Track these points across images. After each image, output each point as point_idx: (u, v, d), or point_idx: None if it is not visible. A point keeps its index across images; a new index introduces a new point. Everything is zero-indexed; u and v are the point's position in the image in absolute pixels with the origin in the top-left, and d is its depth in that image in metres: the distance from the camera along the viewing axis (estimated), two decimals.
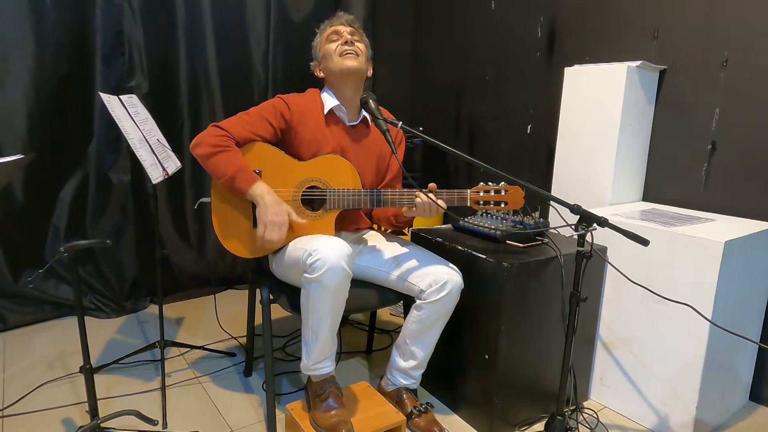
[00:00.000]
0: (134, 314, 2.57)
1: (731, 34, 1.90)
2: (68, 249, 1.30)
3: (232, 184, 1.52)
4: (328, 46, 1.68)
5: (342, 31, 1.68)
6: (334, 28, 1.70)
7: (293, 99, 1.67)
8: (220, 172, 1.53)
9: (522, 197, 1.52)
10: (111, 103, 1.68)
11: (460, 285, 1.58)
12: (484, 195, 1.54)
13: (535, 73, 2.61)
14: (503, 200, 1.53)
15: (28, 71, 2.20)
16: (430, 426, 1.64)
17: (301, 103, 1.68)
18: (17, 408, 1.74)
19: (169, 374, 1.98)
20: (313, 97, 1.72)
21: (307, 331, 1.51)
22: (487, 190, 1.54)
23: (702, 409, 1.63)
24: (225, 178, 1.52)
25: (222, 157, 1.53)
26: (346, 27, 1.70)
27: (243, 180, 1.52)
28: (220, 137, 1.54)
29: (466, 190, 1.55)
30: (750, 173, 1.89)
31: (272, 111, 1.63)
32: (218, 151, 1.53)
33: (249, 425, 1.69)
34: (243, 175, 1.52)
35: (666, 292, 1.59)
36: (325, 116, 1.68)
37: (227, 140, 1.55)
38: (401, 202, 1.57)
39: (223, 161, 1.53)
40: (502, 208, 1.53)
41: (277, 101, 1.66)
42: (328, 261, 1.39)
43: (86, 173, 2.45)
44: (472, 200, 1.54)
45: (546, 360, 1.73)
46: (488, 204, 1.54)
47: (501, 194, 1.53)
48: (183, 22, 2.53)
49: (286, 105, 1.65)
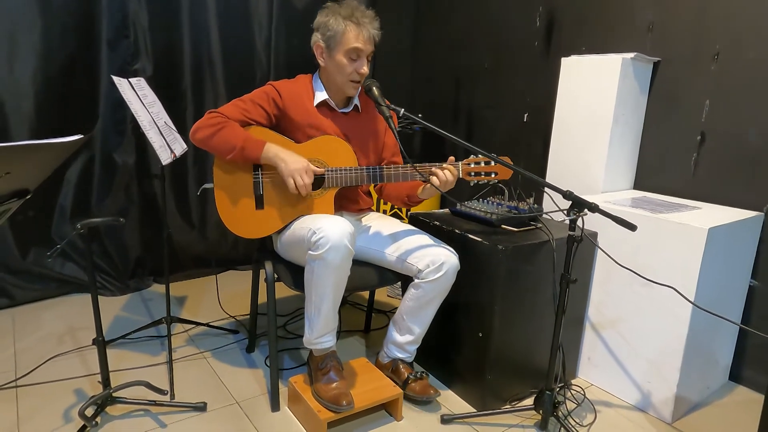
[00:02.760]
0: (138, 292, 2.64)
1: (723, 28, 1.96)
2: (84, 225, 1.36)
3: (243, 153, 1.58)
4: (343, 61, 1.64)
5: (362, 53, 1.64)
6: (357, 46, 1.62)
7: (284, 85, 1.72)
8: (229, 147, 1.58)
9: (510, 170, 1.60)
10: (122, 86, 1.73)
11: (456, 266, 1.66)
12: (474, 167, 1.62)
13: (533, 63, 2.66)
14: (493, 171, 1.61)
15: (35, 54, 2.24)
16: (425, 389, 1.73)
17: (292, 89, 1.73)
18: (30, 378, 1.81)
19: (175, 349, 2.06)
20: (304, 83, 1.76)
21: (310, 306, 1.58)
22: (477, 162, 1.62)
23: (683, 387, 1.72)
24: (235, 151, 1.58)
25: (224, 132, 1.59)
26: (369, 45, 1.65)
27: (252, 147, 1.58)
28: (216, 118, 1.61)
29: (459, 162, 1.62)
30: (736, 163, 1.96)
31: (265, 97, 1.69)
32: (219, 128, 1.59)
33: (253, 397, 1.77)
34: (251, 143, 1.58)
35: (652, 276, 1.67)
36: (316, 105, 1.74)
37: (224, 119, 1.61)
38: (395, 176, 1.65)
39: (226, 136, 1.59)
40: (493, 179, 1.60)
41: (268, 88, 1.71)
42: (331, 239, 1.46)
43: (92, 154, 2.50)
44: (464, 172, 1.62)
45: (537, 339, 1.81)
46: (479, 175, 1.62)
47: (491, 165, 1.61)
48: (187, 7, 2.56)
49: (276, 92, 1.70)
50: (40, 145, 0.83)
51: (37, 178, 0.97)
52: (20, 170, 0.86)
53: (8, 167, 0.81)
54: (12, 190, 0.90)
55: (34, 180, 0.97)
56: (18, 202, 0.94)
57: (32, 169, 0.91)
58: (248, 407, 1.72)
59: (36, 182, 0.98)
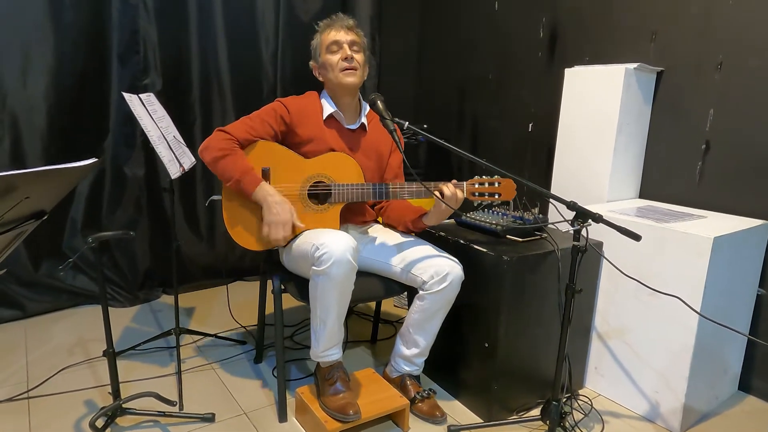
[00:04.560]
0: (147, 304, 2.67)
1: (726, 38, 1.97)
2: (95, 239, 1.39)
3: (239, 186, 1.62)
4: (329, 57, 1.72)
5: (342, 41, 1.71)
6: (334, 39, 1.71)
7: (292, 102, 1.75)
8: (228, 176, 1.62)
9: (514, 189, 1.63)
10: (132, 102, 1.76)
11: (460, 276, 1.67)
12: (479, 187, 1.64)
13: (537, 73, 2.68)
14: (497, 192, 1.63)
15: (47, 69, 2.29)
16: (432, 410, 1.73)
17: (300, 105, 1.75)
18: (42, 390, 1.84)
19: (183, 360, 2.08)
20: (312, 99, 1.79)
21: (316, 320, 1.60)
22: (482, 182, 1.64)
23: (691, 397, 1.72)
24: (232, 182, 1.62)
25: (228, 161, 1.62)
26: (346, 35, 1.71)
27: (248, 183, 1.61)
28: (225, 141, 1.64)
29: (463, 183, 1.64)
30: (742, 172, 1.96)
31: (272, 114, 1.72)
32: (224, 155, 1.62)
33: (261, 408, 1.78)
34: (248, 178, 1.61)
35: (658, 286, 1.67)
36: (324, 119, 1.76)
37: (232, 143, 1.64)
38: (402, 194, 1.67)
39: (229, 165, 1.62)
40: (497, 199, 1.62)
41: (276, 105, 1.74)
42: (334, 254, 1.48)
43: (102, 167, 2.54)
44: (469, 192, 1.64)
45: (543, 349, 1.81)
46: (483, 195, 1.64)
47: (495, 186, 1.63)
48: (195, 22, 2.61)
49: (285, 108, 1.73)
50: (58, 170, 0.85)
51: (54, 199, 1.00)
52: (38, 194, 0.89)
53: (27, 192, 0.84)
54: (30, 212, 0.93)
55: (51, 202, 0.99)
56: (35, 223, 0.97)
57: (49, 192, 0.93)
58: (256, 418, 1.73)
59: (52, 204, 1.01)
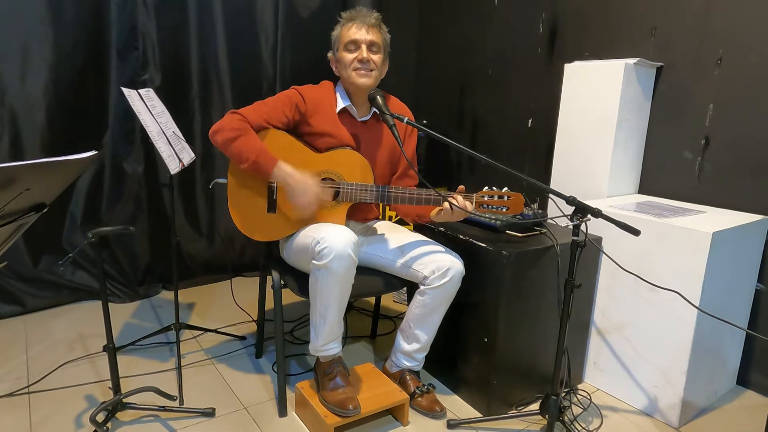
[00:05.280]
0: (147, 299, 2.67)
1: (726, 33, 1.97)
2: (95, 234, 1.39)
3: (256, 167, 1.60)
4: (345, 55, 1.70)
5: (360, 42, 1.68)
6: (353, 38, 1.68)
7: (308, 91, 1.73)
8: (244, 157, 1.60)
9: (522, 204, 1.61)
10: (132, 97, 1.76)
11: (461, 271, 1.67)
12: (488, 200, 1.62)
13: (537, 69, 2.68)
14: (505, 205, 1.61)
15: (47, 65, 2.29)
16: (431, 405, 1.73)
17: (316, 95, 1.74)
18: (42, 385, 1.84)
19: (183, 356, 2.08)
20: (327, 90, 1.77)
21: (315, 314, 1.60)
22: (491, 195, 1.61)
23: (690, 392, 1.72)
24: (248, 162, 1.59)
25: (242, 141, 1.59)
26: (366, 34, 1.68)
27: (265, 162, 1.59)
28: (238, 121, 1.61)
29: (473, 194, 1.62)
30: (741, 167, 1.97)
31: (288, 102, 1.70)
32: (238, 135, 1.60)
33: (261, 402, 1.79)
34: (265, 158, 1.59)
35: (657, 281, 1.67)
36: (337, 112, 1.75)
37: (244, 124, 1.62)
38: (409, 199, 1.66)
39: (243, 145, 1.59)
40: (504, 213, 1.61)
41: (292, 92, 1.72)
42: (335, 248, 1.48)
43: (102, 163, 2.54)
44: (477, 203, 1.62)
45: (542, 344, 1.82)
46: (491, 208, 1.62)
47: (504, 200, 1.61)
48: (195, 18, 2.61)
49: (301, 97, 1.71)
50: (59, 162, 0.86)
51: (54, 192, 1.00)
52: (38, 186, 0.89)
53: (28, 184, 0.84)
54: (30, 205, 0.93)
55: (51, 194, 0.99)
56: (35, 215, 0.97)
57: (49, 184, 0.94)
58: (256, 413, 1.73)
59: (52, 196, 1.01)
